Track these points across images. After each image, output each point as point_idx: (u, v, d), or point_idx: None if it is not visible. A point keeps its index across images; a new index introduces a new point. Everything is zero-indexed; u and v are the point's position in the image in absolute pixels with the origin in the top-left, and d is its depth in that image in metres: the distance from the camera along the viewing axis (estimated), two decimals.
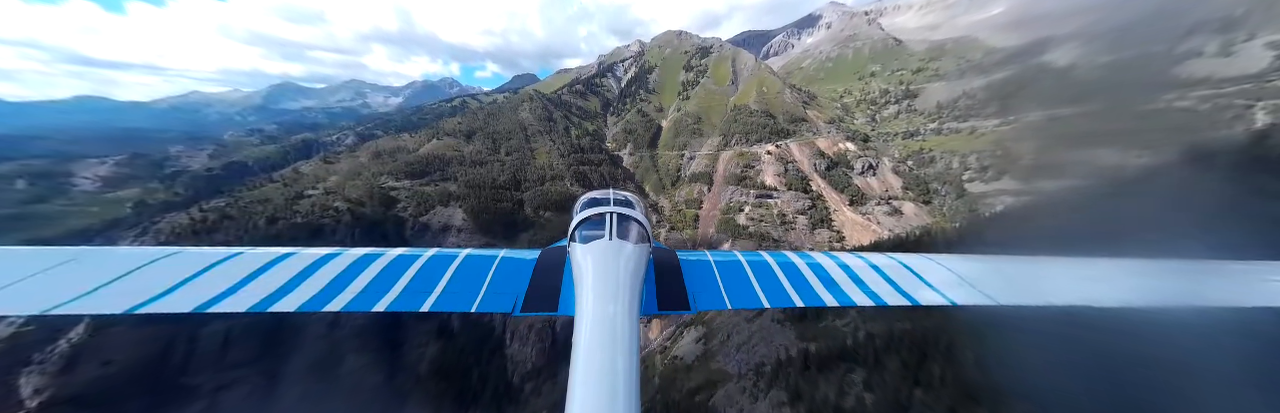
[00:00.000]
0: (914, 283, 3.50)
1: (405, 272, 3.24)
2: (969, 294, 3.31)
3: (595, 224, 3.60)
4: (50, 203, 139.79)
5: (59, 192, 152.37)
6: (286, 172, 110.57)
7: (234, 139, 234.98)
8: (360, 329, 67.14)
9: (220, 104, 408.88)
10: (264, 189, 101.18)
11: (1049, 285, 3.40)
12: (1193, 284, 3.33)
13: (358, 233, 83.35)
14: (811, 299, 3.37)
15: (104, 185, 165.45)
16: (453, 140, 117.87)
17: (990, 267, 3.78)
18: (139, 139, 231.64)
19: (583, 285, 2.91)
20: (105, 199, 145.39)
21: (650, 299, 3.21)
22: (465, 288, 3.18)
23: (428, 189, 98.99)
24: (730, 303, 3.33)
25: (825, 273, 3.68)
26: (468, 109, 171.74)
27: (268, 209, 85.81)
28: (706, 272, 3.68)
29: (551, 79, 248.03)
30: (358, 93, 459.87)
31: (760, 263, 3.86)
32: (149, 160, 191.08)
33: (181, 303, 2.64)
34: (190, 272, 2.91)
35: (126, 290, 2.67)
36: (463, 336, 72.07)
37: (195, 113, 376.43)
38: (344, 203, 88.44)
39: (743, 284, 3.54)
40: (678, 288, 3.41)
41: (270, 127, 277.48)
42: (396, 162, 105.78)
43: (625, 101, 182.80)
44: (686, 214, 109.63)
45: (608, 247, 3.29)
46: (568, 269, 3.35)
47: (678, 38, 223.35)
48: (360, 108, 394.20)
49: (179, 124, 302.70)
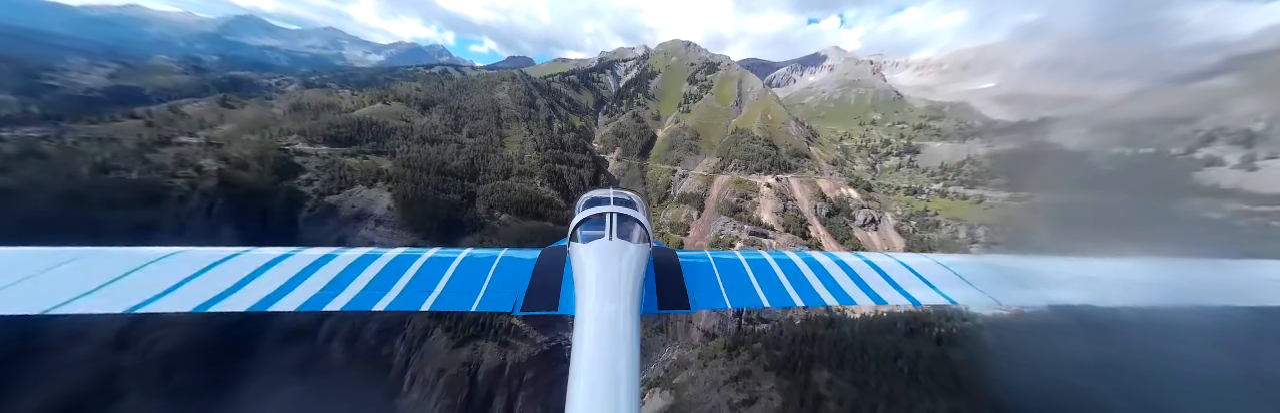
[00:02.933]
0: (914, 282, 3.39)
1: (405, 271, 3.16)
2: (969, 293, 3.24)
3: (596, 223, 3.46)
4: None
5: None
6: (161, 108, 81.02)
7: (156, 64, 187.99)
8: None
9: (163, 25, 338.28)
10: (120, 124, 72.04)
11: (1049, 285, 3.31)
12: (1192, 283, 3.22)
13: (218, 206, 58.25)
14: (811, 299, 3.27)
15: None
16: (403, 108, 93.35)
17: (990, 266, 3.67)
18: (36, 43, 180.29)
19: (583, 285, 2.83)
20: None
21: (650, 298, 3.12)
22: (465, 287, 3.10)
23: (351, 161, 74.73)
24: (730, 302, 3.23)
25: (825, 272, 3.56)
26: (447, 80, 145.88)
27: (103, 152, 58.53)
28: (706, 271, 3.56)
29: (546, 66, 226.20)
30: (334, 42, 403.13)
31: (760, 262, 3.72)
32: (23, 67, 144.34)
33: (182, 302, 2.58)
34: (190, 271, 2.83)
35: (127, 290, 2.60)
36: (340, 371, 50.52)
37: (128, 29, 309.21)
38: (217, 162, 62.81)
39: (742, 283, 3.43)
40: (678, 287, 3.31)
41: (212, 58, 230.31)
42: (318, 121, 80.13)
43: (621, 102, 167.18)
44: (670, 239, 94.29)
45: (608, 246, 3.17)
46: (568, 269, 3.24)
47: (686, 48, 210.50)
48: (333, 59, 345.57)
49: (101, 38, 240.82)
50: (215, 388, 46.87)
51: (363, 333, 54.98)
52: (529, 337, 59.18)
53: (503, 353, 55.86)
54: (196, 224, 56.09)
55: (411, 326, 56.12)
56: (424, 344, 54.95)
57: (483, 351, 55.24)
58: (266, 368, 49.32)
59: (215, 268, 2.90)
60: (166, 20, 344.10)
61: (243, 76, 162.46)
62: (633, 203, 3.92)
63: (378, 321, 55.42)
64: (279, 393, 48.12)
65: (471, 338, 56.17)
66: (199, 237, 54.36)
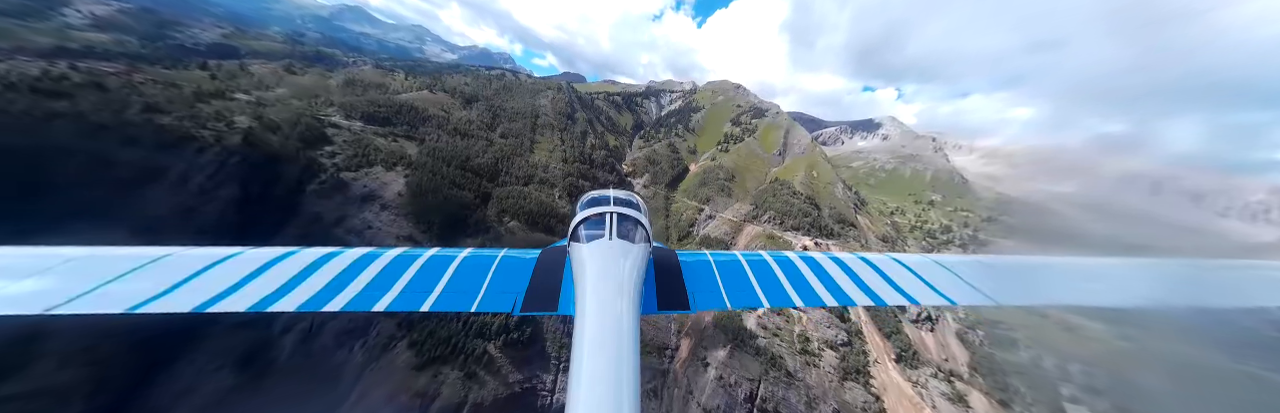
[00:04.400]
0: (914, 283, 3.34)
1: (405, 271, 3.12)
2: (969, 294, 3.19)
3: (596, 223, 3.41)
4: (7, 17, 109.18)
5: (30, 12, 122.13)
6: (232, 64, 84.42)
7: (264, 32, 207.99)
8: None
9: (289, 5, 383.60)
10: (190, 73, 74.79)
11: (1049, 285, 3.26)
12: (1193, 284, 3.17)
13: (231, 162, 56.81)
14: (811, 299, 3.25)
15: (87, 23, 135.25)
16: (447, 98, 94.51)
17: (990, 266, 3.60)
18: (183, 2, 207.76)
19: (583, 285, 2.79)
20: (46, 29, 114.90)
21: (650, 299, 3.09)
22: (465, 288, 3.07)
23: (380, 141, 73.90)
24: (730, 303, 3.20)
25: (825, 273, 3.52)
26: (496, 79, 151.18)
27: (163, 96, 59.58)
28: (706, 272, 3.52)
29: (596, 84, 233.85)
30: (419, 38, 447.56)
31: (760, 263, 3.68)
32: (160, 19, 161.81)
33: (181, 303, 2.56)
34: (190, 271, 2.79)
35: (126, 290, 2.57)
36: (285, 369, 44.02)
37: (258, 4, 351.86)
38: (251, 120, 62.71)
39: (742, 284, 3.39)
40: (678, 288, 3.29)
41: (314, 35, 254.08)
42: (362, 97, 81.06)
43: (660, 130, 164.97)
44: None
45: (609, 246, 3.12)
46: (568, 269, 3.21)
47: (735, 90, 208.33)
48: (414, 52, 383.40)
49: (236, 5, 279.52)
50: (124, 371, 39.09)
51: (324, 330, 47.57)
52: (502, 372, 49.79)
53: (466, 389, 46.35)
54: (198, 177, 54.32)
55: (377, 332, 48.51)
56: (384, 358, 46.75)
57: (444, 380, 46.13)
58: (204, 355, 43.38)
59: (215, 268, 2.84)
60: (293, 1, 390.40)
61: (328, 52, 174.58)
62: (633, 203, 3.80)
63: (343, 319, 48.14)
64: (208, 387, 41.73)
65: (437, 362, 47.28)
66: (197, 192, 52.32)
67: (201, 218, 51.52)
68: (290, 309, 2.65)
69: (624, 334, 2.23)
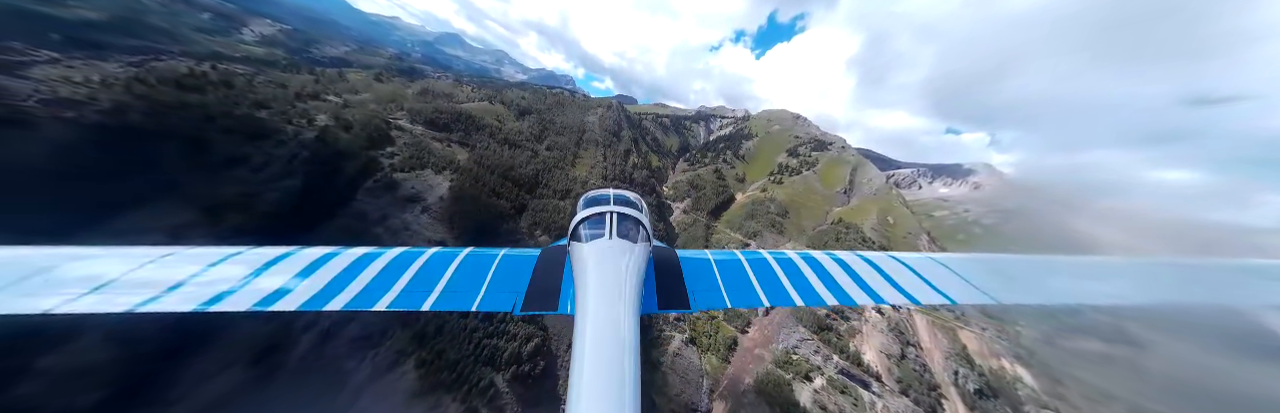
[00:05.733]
0: (915, 282, 3.28)
1: (406, 270, 3.09)
2: (969, 293, 3.13)
3: (596, 223, 3.36)
4: (205, 34, 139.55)
5: (220, 31, 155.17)
6: (328, 71, 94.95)
7: (377, 50, 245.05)
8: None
9: (404, 31, 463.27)
10: (300, 76, 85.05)
11: (1049, 284, 3.21)
12: (1192, 284, 3.13)
13: (302, 156, 60.74)
14: (812, 299, 3.19)
15: (255, 39, 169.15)
16: (503, 109, 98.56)
17: (991, 266, 3.51)
18: (326, 26, 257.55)
19: (583, 284, 2.74)
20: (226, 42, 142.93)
21: (650, 298, 3.05)
22: (466, 287, 3.03)
23: (436, 145, 77.01)
24: (730, 302, 3.15)
25: (826, 272, 3.45)
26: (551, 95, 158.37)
27: (262, 95, 67.19)
28: (707, 271, 3.46)
29: (646, 106, 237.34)
30: (498, 60, 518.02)
31: (760, 262, 3.60)
32: (305, 38, 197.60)
33: (182, 302, 2.52)
34: (190, 271, 2.74)
35: (127, 290, 2.53)
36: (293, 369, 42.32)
37: (382, 29, 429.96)
38: (330, 119, 67.92)
39: (743, 283, 3.33)
40: (678, 287, 3.24)
41: (415, 55, 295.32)
42: (429, 104, 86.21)
43: (707, 155, 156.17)
44: (720, 335, 66.79)
45: (609, 246, 3.07)
46: (568, 268, 3.17)
47: (794, 120, 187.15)
48: (492, 72, 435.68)
49: (364, 30, 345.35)
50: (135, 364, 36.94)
51: (342, 333, 44.78)
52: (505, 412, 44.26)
53: None
54: (274, 165, 58.26)
55: (389, 344, 44.87)
56: (388, 376, 43.17)
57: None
58: (223, 347, 42.40)
59: (215, 268, 2.81)
60: (407, 28, 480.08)
61: (419, 68, 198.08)
62: (634, 203, 3.76)
63: (363, 322, 45.20)
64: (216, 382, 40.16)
65: (439, 389, 42.86)
66: (265, 180, 55.72)
67: (260, 204, 54.14)
68: (291, 308, 2.58)
69: (624, 334, 2.19)
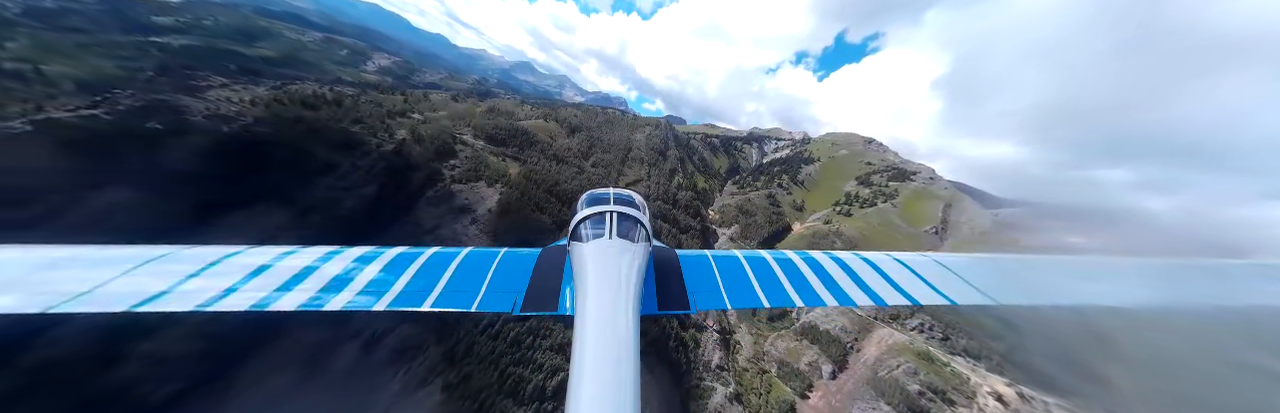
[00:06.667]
0: (914, 282, 3.27)
1: (406, 270, 3.04)
2: (969, 294, 3.10)
3: (596, 223, 3.32)
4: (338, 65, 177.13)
5: (351, 62, 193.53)
6: (414, 93, 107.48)
7: (463, 77, 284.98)
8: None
9: (487, 61, 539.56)
10: (393, 97, 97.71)
11: (1049, 285, 3.20)
12: (1192, 284, 3.13)
13: (379, 166, 67.20)
14: (811, 299, 3.17)
15: (375, 69, 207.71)
16: (556, 126, 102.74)
17: (990, 266, 3.47)
18: (427, 57, 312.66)
19: (583, 285, 2.71)
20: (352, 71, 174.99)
21: (650, 299, 3.02)
22: (466, 287, 2.99)
23: (492, 159, 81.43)
24: (730, 303, 3.11)
25: (825, 273, 3.43)
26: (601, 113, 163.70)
27: (362, 112, 77.38)
28: (706, 271, 3.43)
29: (695, 127, 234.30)
30: (561, 84, 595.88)
31: (760, 262, 3.58)
32: (410, 67, 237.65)
33: (181, 302, 2.50)
34: (190, 270, 2.72)
35: (127, 289, 2.51)
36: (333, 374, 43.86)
37: (471, 60, 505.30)
38: (407, 133, 75.17)
39: (742, 284, 3.31)
40: (678, 288, 3.20)
41: (492, 80, 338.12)
42: (492, 121, 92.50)
43: (759, 178, 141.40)
44: (772, 395, 54.59)
45: (609, 246, 3.04)
46: (568, 268, 3.13)
47: (866, 145, 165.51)
48: (555, 94, 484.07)
49: (457, 62, 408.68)
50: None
51: (385, 341, 45.72)
52: None
53: None
54: (357, 174, 64.87)
55: (422, 360, 44.26)
56: (416, 394, 42.20)
57: None
58: (281, 348, 43.84)
59: (215, 267, 2.78)
60: (490, 59, 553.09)
61: (494, 91, 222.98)
62: (634, 202, 3.73)
63: (404, 333, 45.88)
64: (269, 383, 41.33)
65: None
66: (346, 187, 61.85)
67: (338, 209, 59.67)
68: (291, 308, 2.56)
69: (624, 334, 2.17)
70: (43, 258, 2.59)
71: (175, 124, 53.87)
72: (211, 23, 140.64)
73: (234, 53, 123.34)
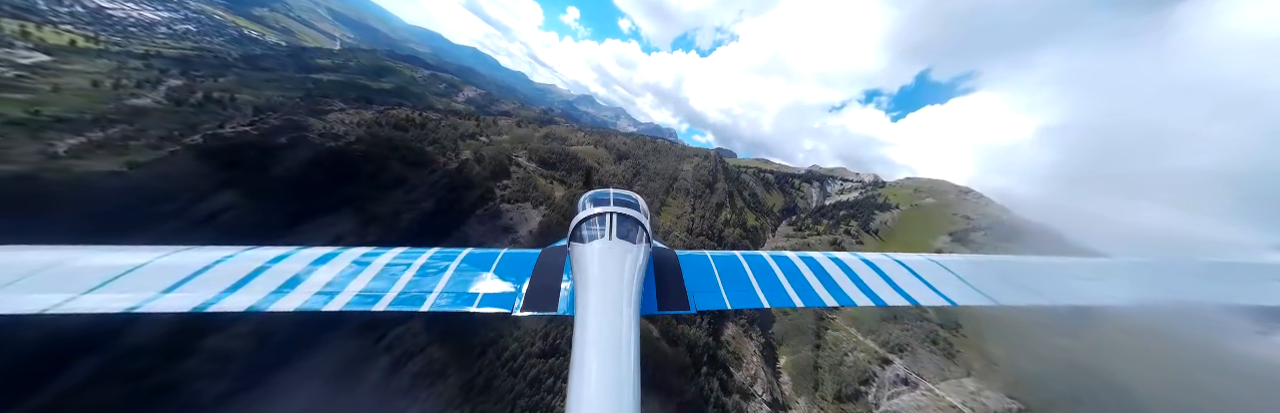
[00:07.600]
0: (914, 283, 3.26)
1: (406, 271, 3.05)
2: (969, 294, 3.11)
3: (597, 223, 3.35)
4: (436, 95, 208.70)
5: (446, 94, 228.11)
6: (487, 118, 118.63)
7: (533, 107, 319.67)
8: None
9: (555, 94, 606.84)
10: (467, 122, 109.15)
11: (1048, 285, 3.16)
12: (1192, 284, 3.12)
13: (442, 182, 72.12)
14: (811, 300, 3.15)
15: (463, 100, 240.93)
16: (605, 153, 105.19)
17: (990, 266, 3.49)
18: (505, 90, 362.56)
19: (583, 285, 2.73)
20: (445, 100, 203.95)
21: (650, 299, 3.02)
22: (466, 287, 2.99)
23: (541, 181, 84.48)
24: (730, 303, 3.10)
25: (825, 273, 3.42)
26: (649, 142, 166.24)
27: (439, 134, 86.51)
28: (706, 272, 3.43)
29: (747, 160, 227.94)
30: (617, 116, 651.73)
31: (760, 263, 3.58)
32: (491, 98, 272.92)
33: (181, 302, 2.50)
34: (190, 271, 2.72)
35: (126, 290, 2.51)
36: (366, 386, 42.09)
37: (543, 92, 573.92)
38: (471, 154, 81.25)
39: (742, 284, 3.31)
40: (678, 288, 3.20)
41: (558, 110, 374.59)
42: (546, 146, 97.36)
43: (821, 220, 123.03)
44: None
45: (608, 246, 3.06)
46: (568, 269, 3.15)
47: (960, 195, 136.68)
48: (610, 125, 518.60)
49: (530, 94, 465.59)
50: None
51: (415, 360, 43.68)
52: None
53: None
54: (421, 189, 70.01)
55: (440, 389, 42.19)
56: None
57: None
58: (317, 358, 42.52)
59: (215, 268, 2.78)
60: (556, 92, 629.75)
61: (555, 119, 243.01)
62: (634, 203, 3.69)
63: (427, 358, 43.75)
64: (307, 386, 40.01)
65: None
66: (411, 200, 66.52)
67: (397, 221, 63.59)
68: (290, 309, 2.55)
69: (624, 334, 2.18)
70: (43, 258, 2.56)
71: (296, 140, 63.39)
72: (355, 64, 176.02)
73: (363, 86, 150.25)
